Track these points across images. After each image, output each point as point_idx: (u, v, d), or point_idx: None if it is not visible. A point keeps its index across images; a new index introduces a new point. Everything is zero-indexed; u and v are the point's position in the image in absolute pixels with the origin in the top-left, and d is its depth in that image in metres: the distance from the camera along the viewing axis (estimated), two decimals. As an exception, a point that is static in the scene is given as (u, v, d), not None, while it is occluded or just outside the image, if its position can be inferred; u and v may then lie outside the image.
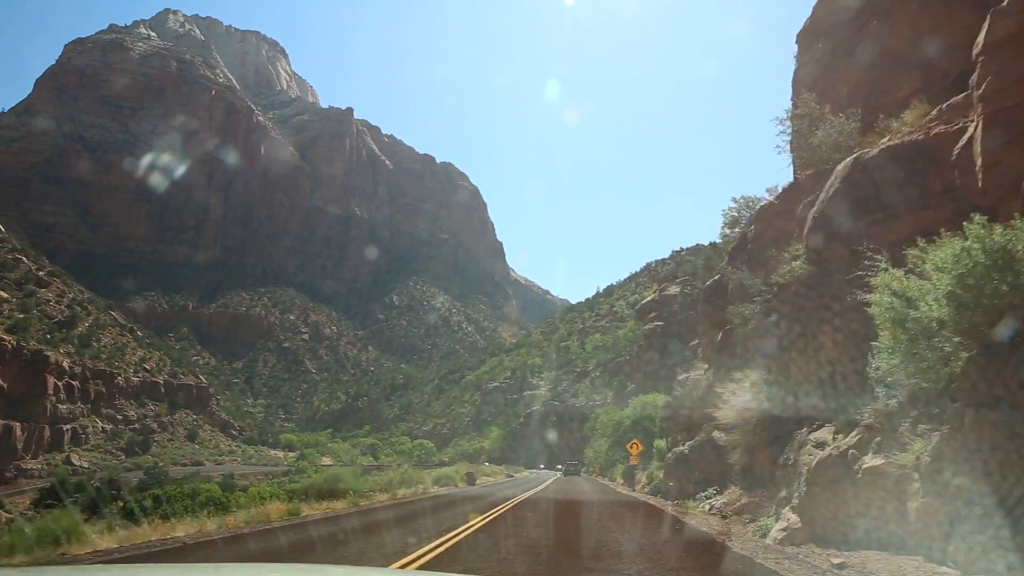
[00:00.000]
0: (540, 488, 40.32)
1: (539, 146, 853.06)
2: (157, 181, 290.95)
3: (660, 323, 53.61)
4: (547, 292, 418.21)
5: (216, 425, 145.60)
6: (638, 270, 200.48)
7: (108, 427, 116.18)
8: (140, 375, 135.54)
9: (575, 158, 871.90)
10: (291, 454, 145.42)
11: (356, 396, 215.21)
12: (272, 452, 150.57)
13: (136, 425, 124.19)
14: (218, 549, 13.40)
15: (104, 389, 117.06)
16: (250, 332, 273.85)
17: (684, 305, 50.95)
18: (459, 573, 8.09)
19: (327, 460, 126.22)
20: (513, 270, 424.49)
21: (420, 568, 9.73)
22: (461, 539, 14.20)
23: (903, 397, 10.29)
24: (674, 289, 53.96)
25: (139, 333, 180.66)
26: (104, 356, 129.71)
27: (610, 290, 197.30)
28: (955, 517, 8.02)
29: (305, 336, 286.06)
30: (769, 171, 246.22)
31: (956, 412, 8.65)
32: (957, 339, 8.81)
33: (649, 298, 61.03)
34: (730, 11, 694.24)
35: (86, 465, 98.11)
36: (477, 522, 17.98)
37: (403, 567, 9.63)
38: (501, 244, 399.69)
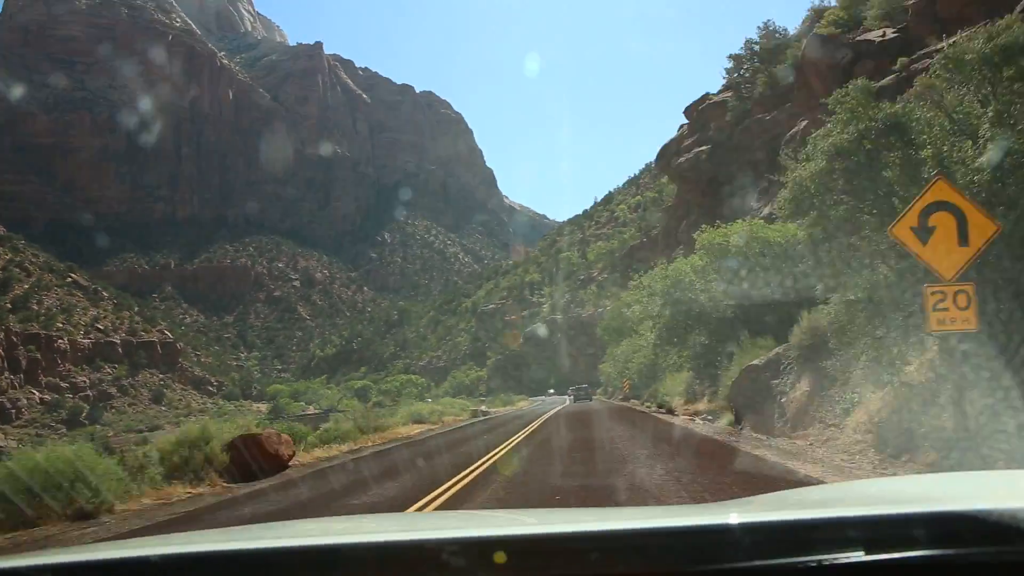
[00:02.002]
0: (521, 434, 22.81)
1: (524, 64, 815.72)
2: (122, 137, 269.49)
3: (704, 148, 34.62)
4: (544, 216, 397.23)
5: (188, 383, 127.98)
6: (636, 173, 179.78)
7: (50, 397, 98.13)
8: (93, 336, 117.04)
9: (563, 73, 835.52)
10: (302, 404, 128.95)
11: (350, 338, 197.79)
12: (255, 406, 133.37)
13: (89, 392, 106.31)
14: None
15: (40, 356, 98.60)
16: (238, 284, 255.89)
17: (740, 115, 31.76)
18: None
19: (311, 409, 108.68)
20: (507, 197, 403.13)
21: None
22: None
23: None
24: (723, 99, 34.95)
25: (104, 294, 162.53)
26: (42, 319, 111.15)
27: (609, 197, 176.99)
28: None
29: (296, 283, 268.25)
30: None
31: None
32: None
33: (676, 135, 42.12)
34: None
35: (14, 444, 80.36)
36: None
37: None
38: (492, 171, 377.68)
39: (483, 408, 44.55)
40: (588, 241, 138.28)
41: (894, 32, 18.70)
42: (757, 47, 33.08)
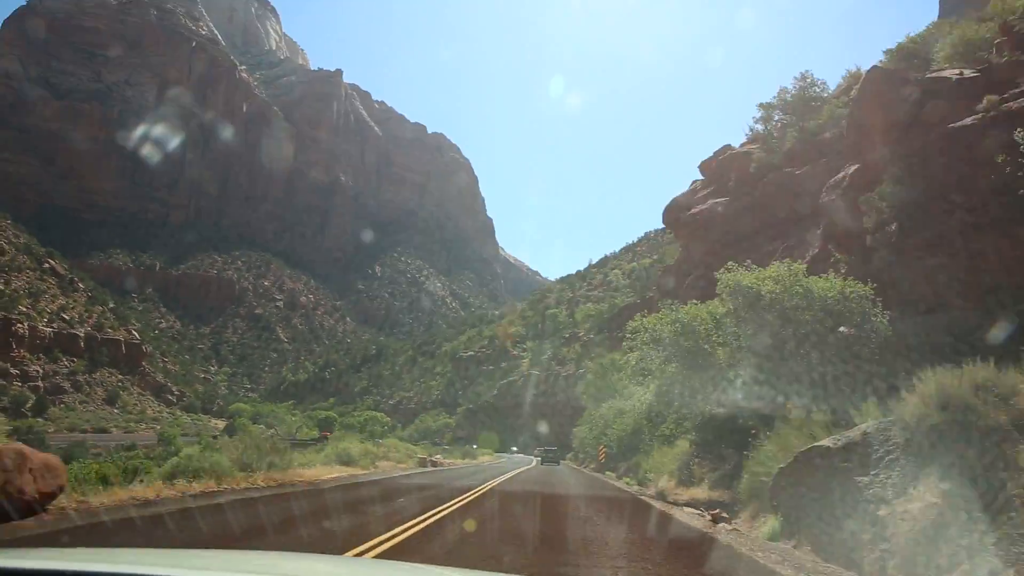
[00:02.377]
0: (460, 500, 17.17)
1: (538, 127, 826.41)
2: (130, 134, 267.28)
3: (721, 200, 31.21)
4: (537, 273, 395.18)
5: (148, 388, 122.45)
6: (635, 240, 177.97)
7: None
8: (56, 325, 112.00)
9: (575, 141, 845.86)
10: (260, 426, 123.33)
11: (324, 367, 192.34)
12: (213, 422, 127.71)
13: (40, 383, 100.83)
14: None
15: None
16: (220, 296, 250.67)
17: (765, 169, 28.58)
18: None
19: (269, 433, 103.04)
20: (503, 248, 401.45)
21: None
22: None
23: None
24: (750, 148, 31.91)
25: (80, 285, 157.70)
26: (4, 300, 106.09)
27: (604, 261, 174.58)
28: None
29: (279, 303, 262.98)
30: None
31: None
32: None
33: (688, 190, 39.02)
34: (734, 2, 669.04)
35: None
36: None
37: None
38: (491, 221, 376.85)
39: (436, 457, 39.49)
40: (578, 301, 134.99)
41: (973, 72, 15.86)
42: (791, 97, 30.41)
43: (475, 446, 71.36)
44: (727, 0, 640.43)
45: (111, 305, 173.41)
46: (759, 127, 32.31)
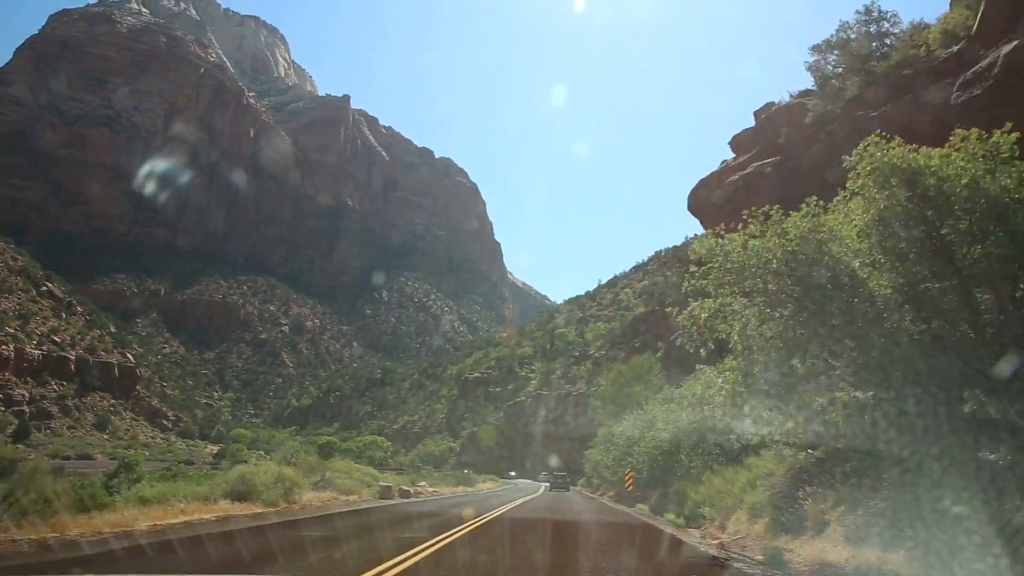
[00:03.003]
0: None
1: (546, 152, 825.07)
2: (137, 160, 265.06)
3: (769, 160, 25.63)
4: (545, 296, 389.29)
5: (141, 413, 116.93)
6: (645, 259, 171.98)
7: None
8: (45, 348, 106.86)
9: (584, 164, 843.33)
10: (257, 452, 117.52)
11: (328, 391, 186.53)
12: (209, 448, 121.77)
13: (26, 407, 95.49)
14: None
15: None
16: (225, 321, 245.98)
17: (824, 120, 22.87)
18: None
19: (257, 458, 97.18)
20: (511, 273, 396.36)
21: None
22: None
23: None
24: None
25: (79, 309, 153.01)
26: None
27: (614, 281, 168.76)
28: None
29: (285, 328, 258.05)
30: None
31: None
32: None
33: (717, 169, 33.61)
34: (741, 25, 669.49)
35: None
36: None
37: None
38: (499, 244, 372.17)
39: (420, 485, 32.66)
40: (588, 321, 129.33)
41: None
42: (854, 35, 24.92)
43: (476, 474, 65.32)
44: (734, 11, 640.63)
45: (112, 329, 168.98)
46: (806, 84, 26.87)
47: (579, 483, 61.80)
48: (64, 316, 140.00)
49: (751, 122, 33.60)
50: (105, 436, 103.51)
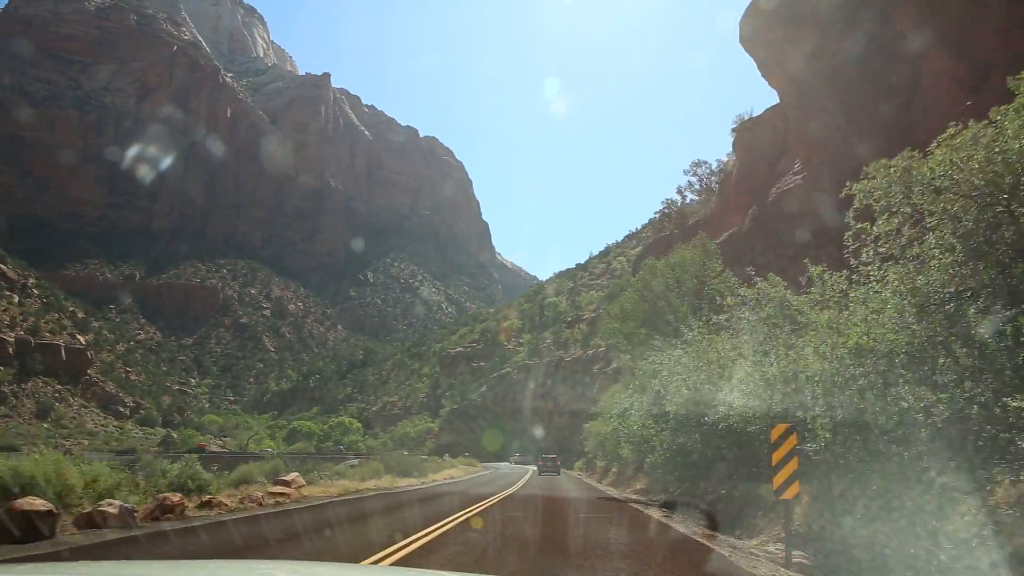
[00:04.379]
0: None
1: (530, 129, 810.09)
2: (109, 142, 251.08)
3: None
4: (535, 277, 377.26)
5: (93, 400, 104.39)
6: (639, 227, 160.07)
7: None
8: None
9: (568, 141, 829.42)
10: (208, 437, 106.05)
11: (308, 375, 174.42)
12: (175, 435, 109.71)
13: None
14: None
15: None
16: (204, 306, 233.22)
17: None
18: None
19: (216, 445, 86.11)
20: (500, 253, 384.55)
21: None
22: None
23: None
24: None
25: (34, 291, 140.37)
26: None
27: (606, 251, 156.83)
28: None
29: (266, 312, 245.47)
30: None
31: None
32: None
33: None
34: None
35: None
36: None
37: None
38: (487, 225, 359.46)
39: (237, 494, 15.90)
40: (579, 290, 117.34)
41: None
42: None
43: (451, 458, 53.64)
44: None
45: (74, 313, 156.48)
46: None
47: (577, 465, 50.61)
48: (18, 299, 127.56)
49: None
50: (46, 425, 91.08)
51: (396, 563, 8.58)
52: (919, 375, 7.70)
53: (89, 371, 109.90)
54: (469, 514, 15.10)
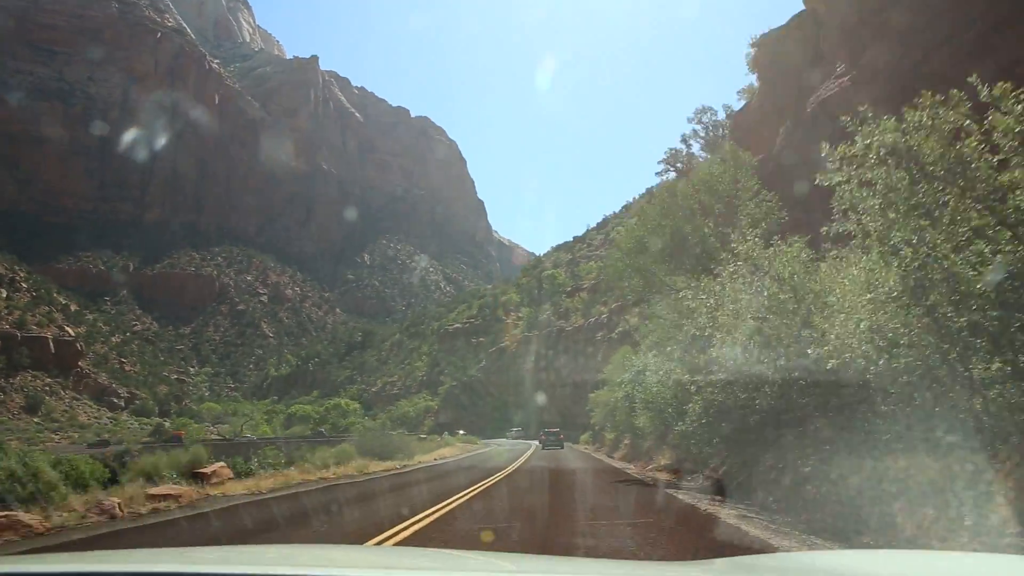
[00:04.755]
0: None
1: (526, 108, 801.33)
2: (96, 132, 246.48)
3: None
4: (533, 254, 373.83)
5: (87, 392, 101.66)
6: (637, 197, 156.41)
7: None
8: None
9: (562, 119, 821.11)
10: (200, 425, 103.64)
11: (307, 359, 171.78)
12: (167, 424, 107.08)
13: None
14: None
15: None
16: (199, 295, 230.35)
17: None
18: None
19: (213, 433, 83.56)
20: (496, 232, 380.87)
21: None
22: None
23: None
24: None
25: (23, 284, 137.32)
26: None
27: (603, 223, 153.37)
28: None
29: (264, 298, 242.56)
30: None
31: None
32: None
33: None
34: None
35: None
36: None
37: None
38: (482, 202, 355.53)
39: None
40: (578, 262, 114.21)
41: None
42: None
43: (449, 436, 50.87)
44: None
45: (68, 306, 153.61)
46: None
47: (581, 439, 47.93)
48: (6, 294, 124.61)
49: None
50: (36, 420, 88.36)
51: None
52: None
53: (80, 363, 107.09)
54: (434, 515, 11.54)
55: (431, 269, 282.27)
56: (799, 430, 10.32)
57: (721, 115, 38.81)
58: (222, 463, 17.11)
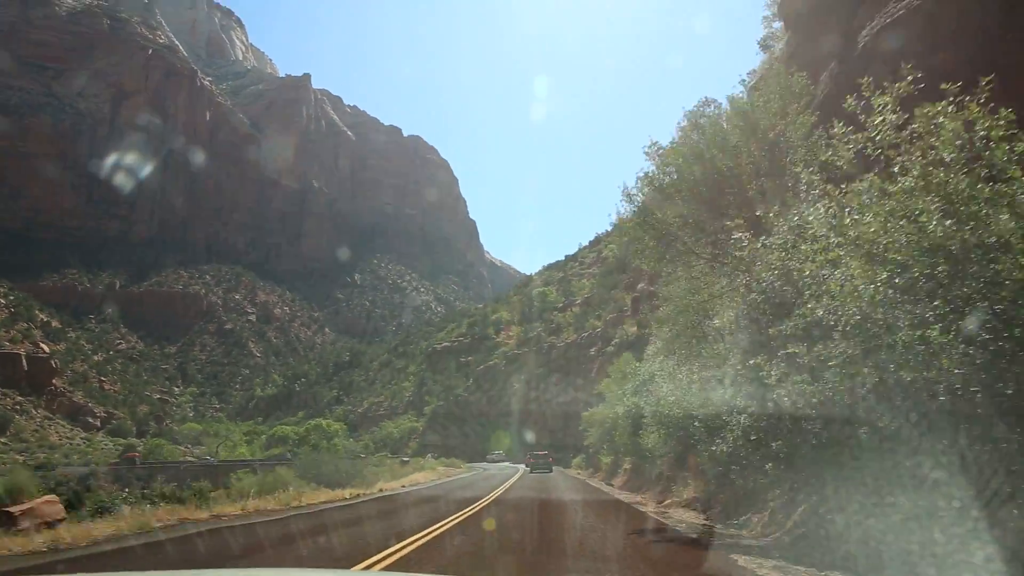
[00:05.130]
0: None
1: (517, 129, 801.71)
2: (84, 149, 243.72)
3: None
4: (525, 275, 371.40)
5: (61, 411, 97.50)
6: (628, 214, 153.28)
7: None
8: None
9: (554, 140, 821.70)
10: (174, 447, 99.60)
11: (294, 379, 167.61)
12: (141, 447, 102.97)
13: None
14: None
15: None
16: (186, 313, 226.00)
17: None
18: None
19: (187, 455, 79.66)
20: (488, 252, 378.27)
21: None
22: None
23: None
24: None
25: (2, 301, 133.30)
26: None
27: (596, 240, 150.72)
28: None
29: (252, 317, 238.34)
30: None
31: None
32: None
33: None
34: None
35: None
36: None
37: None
38: (474, 222, 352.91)
39: None
40: (570, 280, 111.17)
41: None
42: None
43: (431, 459, 47.31)
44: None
45: (47, 322, 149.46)
46: None
47: (574, 462, 44.52)
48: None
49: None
50: (3, 439, 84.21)
51: None
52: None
53: (55, 381, 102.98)
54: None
55: (421, 290, 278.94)
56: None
57: (725, 104, 35.72)
58: (50, 497, 13.63)
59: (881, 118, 7.28)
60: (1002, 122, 6.10)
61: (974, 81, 6.58)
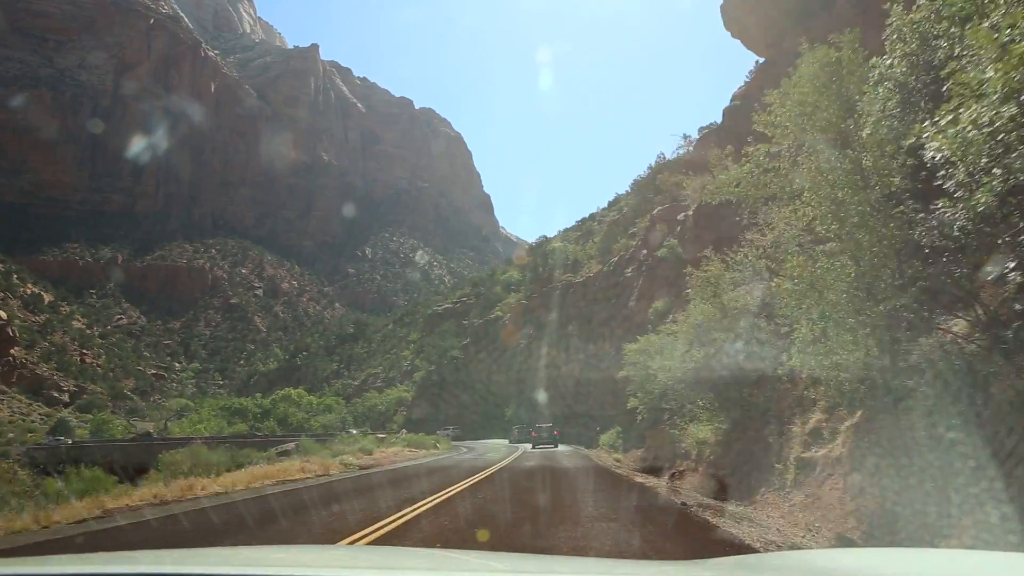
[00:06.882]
0: None
1: (531, 101, 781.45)
2: (86, 121, 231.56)
3: None
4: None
5: (20, 385, 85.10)
6: (647, 171, 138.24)
7: None
8: None
9: (568, 109, 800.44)
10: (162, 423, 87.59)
11: (296, 352, 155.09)
12: (118, 423, 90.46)
13: None
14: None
15: None
16: (190, 287, 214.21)
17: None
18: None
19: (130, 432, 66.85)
20: (504, 228, 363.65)
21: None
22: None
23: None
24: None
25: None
26: None
27: (616, 200, 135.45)
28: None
29: (259, 291, 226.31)
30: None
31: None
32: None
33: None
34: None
35: None
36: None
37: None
38: (489, 196, 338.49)
39: None
40: (590, 235, 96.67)
41: None
42: None
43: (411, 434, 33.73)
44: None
45: (39, 295, 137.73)
46: None
47: (602, 440, 30.98)
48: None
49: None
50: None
51: None
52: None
53: (12, 351, 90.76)
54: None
55: (435, 264, 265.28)
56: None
57: None
58: None
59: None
60: None
61: None
